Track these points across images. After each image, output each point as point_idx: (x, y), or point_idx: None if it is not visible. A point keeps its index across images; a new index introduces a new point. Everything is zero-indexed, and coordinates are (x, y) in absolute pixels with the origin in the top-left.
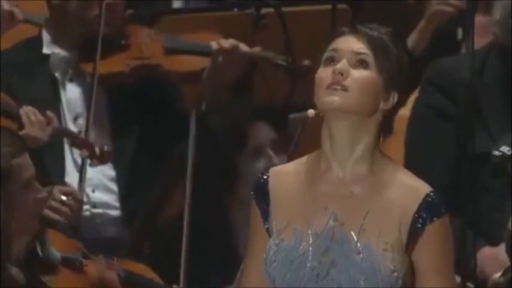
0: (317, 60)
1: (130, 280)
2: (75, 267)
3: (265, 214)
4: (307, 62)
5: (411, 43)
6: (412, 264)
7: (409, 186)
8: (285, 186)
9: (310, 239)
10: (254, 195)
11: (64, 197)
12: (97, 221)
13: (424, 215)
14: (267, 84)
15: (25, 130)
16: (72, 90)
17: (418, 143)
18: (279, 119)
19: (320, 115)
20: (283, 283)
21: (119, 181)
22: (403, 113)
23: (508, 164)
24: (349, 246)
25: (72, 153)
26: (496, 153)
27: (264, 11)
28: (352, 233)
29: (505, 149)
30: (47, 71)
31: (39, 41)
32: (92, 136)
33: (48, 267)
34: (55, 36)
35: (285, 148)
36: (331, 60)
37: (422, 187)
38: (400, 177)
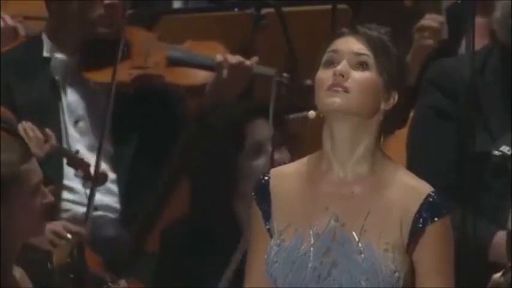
0: (316, 61)
1: None
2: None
3: (267, 215)
4: (309, 81)
5: None
6: (412, 264)
7: (410, 186)
8: (286, 186)
9: (312, 239)
10: (255, 196)
11: (69, 235)
12: (99, 221)
13: (425, 215)
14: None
15: None
16: (73, 94)
17: (420, 142)
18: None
19: (320, 116)
20: (284, 283)
21: (119, 183)
22: None
23: (508, 163)
24: (350, 246)
25: None
26: (496, 153)
27: (264, 11)
28: (354, 233)
29: (505, 148)
30: (48, 74)
31: (40, 42)
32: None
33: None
34: (55, 40)
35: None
36: (331, 61)
37: (423, 187)
38: (401, 177)
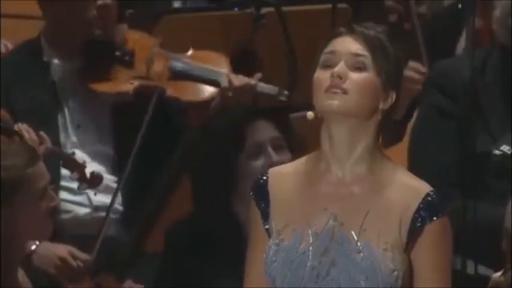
0: (314, 61)
1: None
2: None
3: (265, 215)
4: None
5: None
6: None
7: (409, 186)
8: (285, 186)
9: (310, 238)
10: (254, 196)
11: (75, 263)
12: (99, 222)
13: (423, 214)
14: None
15: None
16: (74, 99)
17: (421, 142)
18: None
19: (318, 116)
20: (283, 283)
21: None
22: None
23: (509, 163)
24: (349, 245)
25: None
26: (496, 152)
27: (264, 10)
28: (353, 232)
29: (505, 148)
30: (48, 78)
31: (38, 45)
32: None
33: None
34: (53, 43)
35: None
36: (329, 62)
37: (422, 187)
38: (400, 177)
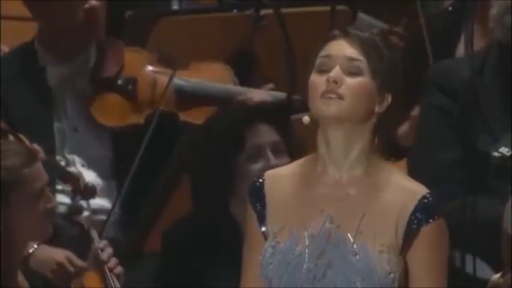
0: (310, 64)
1: None
2: None
3: (261, 217)
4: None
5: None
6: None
7: (406, 188)
8: (281, 188)
9: (306, 241)
10: (250, 199)
11: (72, 269)
12: (98, 225)
13: (419, 216)
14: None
15: None
16: (71, 102)
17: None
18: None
19: (314, 117)
20: (279, 285)
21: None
22: None
23: (508, 165)
24: (345, 247)
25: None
26: (495, 154)
27: (263, 12)
28: (349, 234)
29: (504, 150)
30: (44, 84)
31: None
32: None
33: None
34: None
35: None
36: (325, 67)
37: (418, 189)
38: (396, 179)
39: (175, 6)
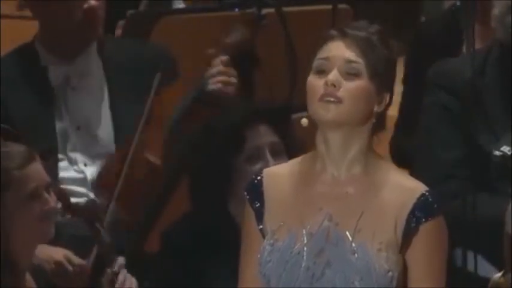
0: (308, 65)
1: None
2: None
3: (259, 215)
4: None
5: None
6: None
7: (404, 186)
8: (280, 186)
9: (305, 239)
10: (248, 196)
11: (71, 267)
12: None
13: (418, 215)
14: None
15: None
16: (75, 99)
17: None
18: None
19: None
20: (278, 283)
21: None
22: (392, 114)
23: (509, 164)
24: (343, 246)
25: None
26: (496, 153)
27: (264, 11)
28: (347, 233)
29: (505, 149)
30: (47, 84)
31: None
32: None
33: None
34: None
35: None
36: (323, 69)
37: (417, 187)
38: (395, 177)
39: (181, 5)
